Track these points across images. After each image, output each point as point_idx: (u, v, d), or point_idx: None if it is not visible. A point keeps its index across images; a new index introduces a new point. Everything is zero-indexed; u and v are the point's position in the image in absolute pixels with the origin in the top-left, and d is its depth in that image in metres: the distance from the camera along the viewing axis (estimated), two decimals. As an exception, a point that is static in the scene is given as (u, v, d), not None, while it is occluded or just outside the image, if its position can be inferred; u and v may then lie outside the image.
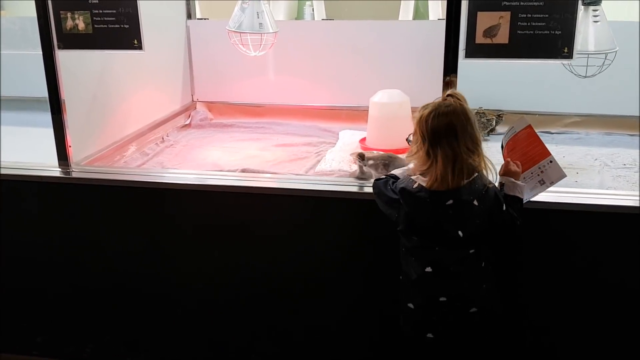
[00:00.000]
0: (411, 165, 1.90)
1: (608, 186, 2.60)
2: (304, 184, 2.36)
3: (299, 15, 4.66)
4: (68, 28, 2.36)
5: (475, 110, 3.26)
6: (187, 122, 3.63)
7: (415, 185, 1.82)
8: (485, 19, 2.04)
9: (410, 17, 4.28)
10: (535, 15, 2.01)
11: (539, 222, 2.11)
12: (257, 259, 2.37)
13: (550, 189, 1.99)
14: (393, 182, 1.91)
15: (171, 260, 2.45)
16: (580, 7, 2.09)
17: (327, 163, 2.87)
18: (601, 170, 2.79)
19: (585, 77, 2.58)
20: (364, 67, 3.48)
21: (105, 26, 2.34)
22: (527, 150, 1.98)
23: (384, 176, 2.00)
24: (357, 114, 3.45)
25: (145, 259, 2.46)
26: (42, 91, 2.45)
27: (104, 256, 2.49)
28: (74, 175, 2.47)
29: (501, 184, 1.93)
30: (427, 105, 1.82)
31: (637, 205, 2.07)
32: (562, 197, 2.14)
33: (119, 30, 2.33)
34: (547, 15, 2.00)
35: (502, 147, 2.02)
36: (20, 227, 2.52)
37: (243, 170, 2.70)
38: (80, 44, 2.39)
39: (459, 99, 1.81)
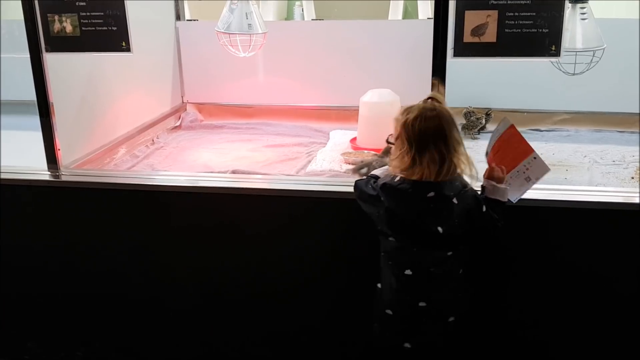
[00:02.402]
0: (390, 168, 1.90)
1: (597, 183, 2.61)
2: (295, 184, 2.36)
3: (289, 16, 4.66)
4: (56, 31, 2.35)
5: (465, 109, 3.29)
6: (177, 123, 3.62)
7: (397, 179, 1.82)
8: (473, 18, 2.04)
9: (400, 17, 4.29)
10: (522, 14, 2.02)
11: (528, 219, 2.12)
12: (248, 260, 2.36)
13: (540, 186, 2.00)
14: (374, 181, 1.91)
15: (162, 263, 2.44)
16: (568, 5, 2.11)
17: (318, 163, 2.87)
18: (591, 167, 2.80)
19: (573, 74, 2.59)
20: (354, 67, 3.48)
21: (93, 28, 2.33)
22: (512, 150, 1.97)
23: (364, 177, 2.00)
24: (347, 114, 3.46)
25: (136, 262, 2.45)
26: (31, 94, 2.44)
27: (95, 260, 2.48)
28: (64, 178, 2.46)
29: (483, 187, 1.93)
30: (411, 108, 1.82)
31: (627, 201, 2.09)
32: (552, 194, 2.14)
33: (107, 33, 2.32)
34: (534, 14, 2.01)
35: (486, 154, 2.02)
36: (8, 231, 2.51)
37: (234, 172, 2.70)
38: (68, 47, 2.37)
39: (440, 102, 1.83)
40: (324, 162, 2.88)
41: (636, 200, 2.08)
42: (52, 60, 2.41)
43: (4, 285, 2.59)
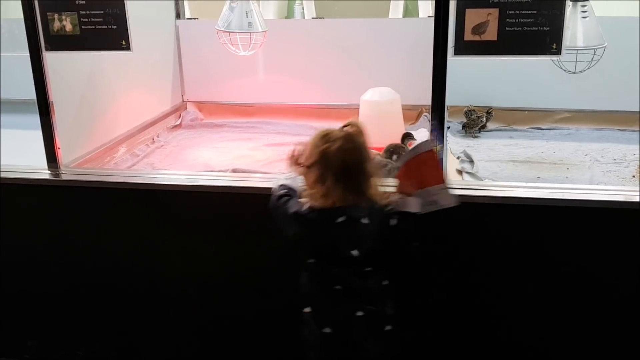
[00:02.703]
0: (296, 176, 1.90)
1: (598, 181, 2.61)
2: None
3: (289, 14, 4.65)
4: (55, 29, 2.35)
5: (465, 107, 3.29)
6: (178, 122, 3.62)
7: (305, 207, 1.82)
8: (474, 16, 2.04)
9: (400, 16, 4.29)
10: (523, 12, 2.01)
11: (530, 218, 2.12)
12: (249, 259, 2.36)
13: (543, 185, 1.99)
14: (286, 199, 1.89)
15: (163, 262, 2.43)
16: (569, 3, 2.10)
17: (319, 162, 2.86)
18: (591, 166, 2.80)
19: (574, 72, 2.59)
20: (355, 65, 3.48)
21: (93, 27, 2.33)
22: (426, 172, 1.93)
23: (277, 187, 1.98)
24: (348, 112, 3.45)
25: (136, 261, 2.45)
26: (30, 93, 2.44)
27: (95, 259, 2.48)
28: (64, 177, 2.45)
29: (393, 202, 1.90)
30: (330, 137, 1.78)
31: (628, 200, 2.08)
32: (553, 193, 2.14)
33: (107, 31, 2.32)
34: (535, 12, 2.01)
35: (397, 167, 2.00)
36: (9, 230, 2.50)
37: (234, 170, 2.70)
38: (68, 46, 2.37)
39: (359, 130, 1.82)
40: (325, 160, 2.87)
41: (637, 199, 2.07)
42: (52, 59, 2.40)
43: (4, 284, 2.59)
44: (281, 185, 1.97)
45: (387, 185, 1.95)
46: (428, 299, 2.25)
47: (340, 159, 1.75)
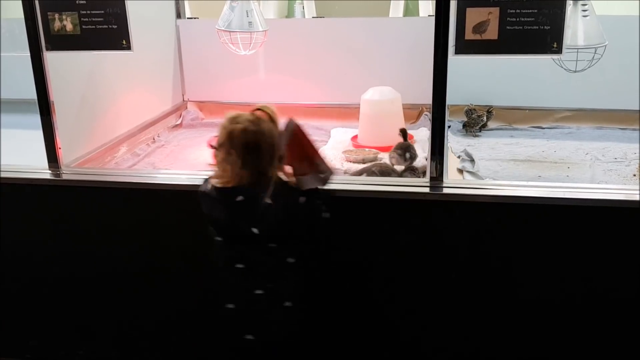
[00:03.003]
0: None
1: (599, 180, 2.61)
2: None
3: (289, 14, 4.65)
4: (56, 29, 2.35)
5: (466, 107, 3.29)
6: (178, 122, 3.62)
7: (209, 186, 1.91)
8: (475, 15, 2.04)
9: (401, 15, 4.29)
10: (524, 11, 2.01)
11: (530, 217, 2.12)
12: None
13: (543, 184, 1.99)
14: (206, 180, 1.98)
15: (163, 262, 2.43)
16: (569, 2, 2.10)
17: (319, 161, 2.86)
18: (592, 165, 2.80)
19: (575, 71, 2.59)
20: (355, 65, 3.48)
21: (94, 27, 2.33)
22: (303, 148, 1.98)
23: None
24: (348, 112, 3.46)
25: (137, 260, 2.45)
26: (31, 93, 2.44)
27: (96, 258, 2.48)
28: (64, 177, 2.46)
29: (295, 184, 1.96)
30: (237, 119, 1.86)
31: (629, 199, 2.08)
32: (554, 192, 2.14)
33: (107, 31, 2.32)
34: (535, 11, 2.01)
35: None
36: (10, 230, 2.51)
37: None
38: (68, 45, 2.37)
39: (269, 117, 1.89)
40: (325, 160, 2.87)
41: (637, 198, 2.07)
42: (53, 59, 2.40)
43: (5, 284, 2.59)
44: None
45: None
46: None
47: (242, 139, 1.82)
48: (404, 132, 2.74)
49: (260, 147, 1.83)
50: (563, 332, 2.23)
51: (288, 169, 1.94)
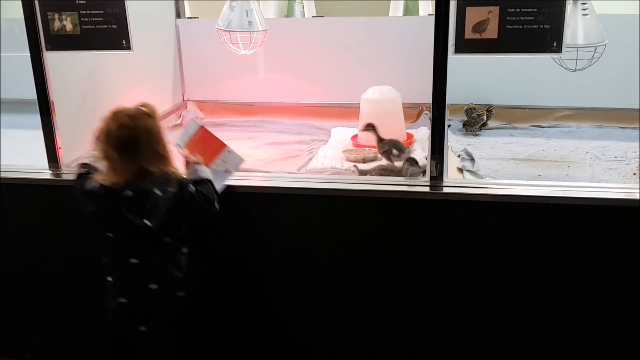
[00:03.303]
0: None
1: (599, 179, 2.60)
2: (296, 182, 2.36)
3: (289, 13, 4.65)
4: (56, 29, 2.35)
5: (466, 106, 3.29)
6: (178, 121, 3.62)
7: (95, 184, 1.95)
8: (474, 15, 2.04)
9: (401, 14, 4.29)
10: (523, 10, 2.01)
11: (531, 216, 2.12)
12: (249, 258, 2.36)
13: (543, 183, 1.99)
14: (84, 178, 2.03)
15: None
16: (569, 1, 2.10)
17: (320, 160, 2.87)
18: (592, 164, 2.80)
19: (575, 70, 2.59)
20: (355, 64, 3.48)
21: (93, 27, 2.33)
22: (208, 147, 2.17)
23: (79, 166, 2.13)
24: (348, 111, 3.45)
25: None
26: (31, 93, 2.44)
27: (97, 258, 2.47)
28: (65, 177, 2.45)
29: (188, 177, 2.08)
30: (115, 113, 1.94)
31: (629, 197, 2.08)
32: (554, 191, 2.14)
33: (107, 31, 2.32)
34: (535, 10, 2.01)
35: (178, 146, 2.20)
36: (10, 230, 2.51)
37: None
38: (68, 45, 2.37)
39: (147, 113, 1.95)
40: (325, 159, 2.87)
41: (637, 197, 2.07)
42: (53, 59, 2.40)
43: (5, 284, 2.59)
44: (83, 164, 2.11)
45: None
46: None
47: (118, 135, 1.89)
48: (372, 126, 2.72)
49: (137, 143, 1.89)
50: (563, 331, 2.23)
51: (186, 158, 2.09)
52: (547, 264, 2.17)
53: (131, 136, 1.89)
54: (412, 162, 2.52)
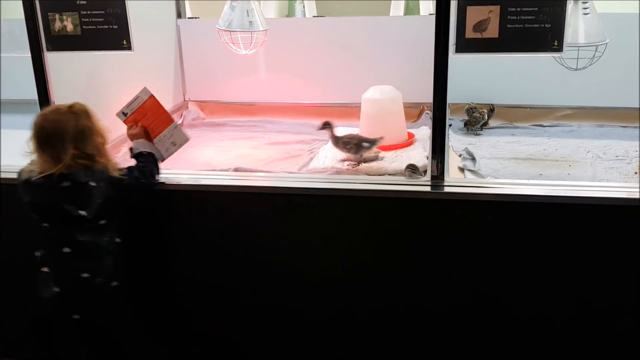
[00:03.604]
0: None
1: (601, 178, 2.60)
2: (297, 182, 2.36)
3: (290, 13, 4.65)
4: (56, 30, 2.35)
5: (467, 105, 3.29)
6: (179, 122, 3.61)
7: (32, 173, 2.06)
8: (475, 14, 2.03)
9: (401, 14, 4.29)
10: (524, 9, 2.01)
11: (532, 216, 2.12)
12: (251, 258, 2.36)
13: (544, 182, 1.99)
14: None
15: (164, 261, 2.44)
16: (570, 0, 2.10)
17: (320, 160, 2.87)
18: (594, 163, 2.79)
19: (576, 69, 2.59)
20: (356, 64, 3.48)
21: (94, 27, 2.33)
22: (156, 118, 2.29)
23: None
24: (349, 111, 3.45)
25: (138, 260, 2.45)
26: (32, 93, 2.44)
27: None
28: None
29: (130, 148, 2.26)
30: (42, 112, 2.08)
31: (630, 197, 2.08)
32: (555, 190, 2.14)
33: (108, 31, 2.32)
34: (536, 9, 2.00)
35: (123, 114, 2.32)
36: (13, 230, 2.51)
37: (236, 170, 2.69)
38: (69, 46, 2.37)
39: (75, 113, 2.06)
40: (326, 159, 2.87)
41: (639, 196, 2.07)
42: (53, 59, 2.41)
43: (5, 284, 2.59)
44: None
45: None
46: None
47: (40, 130, 2.02)
48: (328, 124, 2.75)
49: (60, 136, 2.00)
50: (565, 330, 2.23)
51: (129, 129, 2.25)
52: (548, 263, 2.16)
53: (53, 129, 2.01)
54: (413, 168, 2.51)
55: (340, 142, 2.73)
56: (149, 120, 2.31)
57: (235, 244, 2.36)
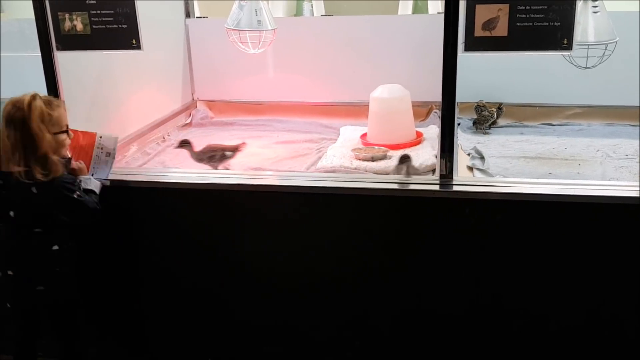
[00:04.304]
0: None
1: (610, 177, 2.59)
2: (306, 180, 2.36)
3: (298, 12, 4.66)
4: (66, 29, 2.36)
5: (476, 103, 3.28)
6: (188, 121, 3.63)
7: None
8: (484, 12, 2.03)
9: (410, 13, 4.28)
10: (534, 7, 2.00)
11: (541, 215, 2.11)
12: (259, 257, 2.37)
13: (554, 181, 1.98)
14: None
15: (173, 261, 2.44)
16: (580, -1, 2.10)
17: (329, 159, 2.87)
18: (603, 162, 2.78)
19: (585, 68, 2.58)
20: (364, 63, 3.48)
21: (104, 27, 2.34)
22: (82, 145, 2.27)
23: None
24: (357, 110, 3.45)
25: (147, 259, 2.46)
26: (42, 93, 2.44)
27: (105, 257, 2.49)
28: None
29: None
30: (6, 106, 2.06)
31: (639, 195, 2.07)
32: (565, 189, 2.13)
33: (117, 31, 2.33)
34: (545, 7, 2.00)
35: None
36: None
37: (244, 169, 2.70)
38: (78, 45, 2.38)
39: (22, 109, 2.01)
40: (335, 158, 2.87)
41: (649, 195, 2.06)
42: (63, 59, 2.42)
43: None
44: None
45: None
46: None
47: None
48: (187, 142, 2.78)
49: (16, 142, 1.99)
50: (572, 329, 2.22)
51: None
52: (558, 263, 2.16)
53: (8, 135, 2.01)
54: (404, 159, 2.46)
55: (205, 158, 2.74)
56: (79, 150, 2.28)
57: (242, 243, 2.36)
